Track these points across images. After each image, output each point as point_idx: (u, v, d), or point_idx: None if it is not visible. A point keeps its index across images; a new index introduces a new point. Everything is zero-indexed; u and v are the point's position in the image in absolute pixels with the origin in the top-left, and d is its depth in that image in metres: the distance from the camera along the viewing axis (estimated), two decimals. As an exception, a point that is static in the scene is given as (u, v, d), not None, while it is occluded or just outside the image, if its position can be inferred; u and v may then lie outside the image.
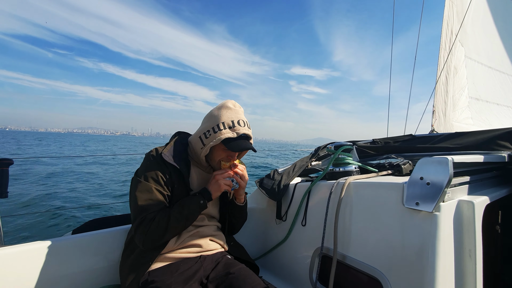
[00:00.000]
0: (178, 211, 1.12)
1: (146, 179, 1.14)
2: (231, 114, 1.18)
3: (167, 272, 1.11)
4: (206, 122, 1.20)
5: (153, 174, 1.15)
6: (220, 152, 1.20)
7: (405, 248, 0.95)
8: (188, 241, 1.22)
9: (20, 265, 1.12)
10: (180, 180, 1.20)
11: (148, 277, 1.10)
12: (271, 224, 1.70)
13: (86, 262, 1.27)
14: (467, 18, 3.23)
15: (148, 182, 1.14)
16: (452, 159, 0.88)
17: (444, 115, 3.23)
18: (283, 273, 1.57)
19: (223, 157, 1.22)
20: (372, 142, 2.06)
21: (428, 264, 0.87)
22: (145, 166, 1.18)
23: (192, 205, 1.14)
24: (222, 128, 1.14)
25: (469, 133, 1.57)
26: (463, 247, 0.94)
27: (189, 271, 1.14)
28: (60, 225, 5.03)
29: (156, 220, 1.08)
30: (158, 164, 1.17)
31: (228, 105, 1.20)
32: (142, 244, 1.10)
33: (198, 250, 1.23)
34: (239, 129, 1.16)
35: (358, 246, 1.12)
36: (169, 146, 1.24)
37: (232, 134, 1.15)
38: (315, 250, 1.34)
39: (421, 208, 0.90)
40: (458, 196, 0.98)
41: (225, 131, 1.14)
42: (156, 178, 1.15)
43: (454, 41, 3.19)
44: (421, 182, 0.91)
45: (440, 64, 3.19)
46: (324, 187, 1.34)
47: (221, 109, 1.19)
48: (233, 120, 1.16)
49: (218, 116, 1.17)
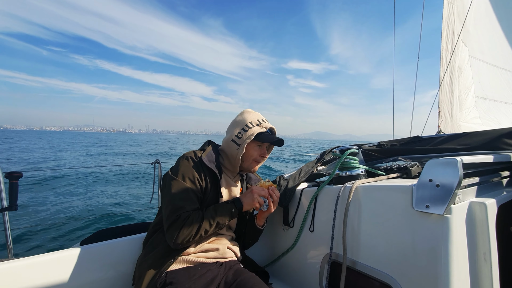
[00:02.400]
0: (211, 214, 1.14)
1: (184, 178, 1.19)
2: (254, 115, 1.33)
3: (186, 275, 1.12)
4: (234, 127, 1.31)
5: (190, 175, 1.20)
6: (253, 151, 1.30)
7: (417, 252, 0.93)
8: (207, 246, 1.24)
9: (29, 278, 1.13)
10: (213, 184, 1.25)
11: (166, 278, 1.10)
12: (279, 230, 1.68)
13: (95, 273, 1.27)
14: (469, 17, 3.21)
15: (185, 182, 1.18)
16: (461, 160, 0.86)
17: (450, 115, 3.19)
18: (293, 281, 1.55)
19: (256, 156, 1.31)
20: (378, 145, 2.04)
21: (442, 268, 0.85)
22: (183, 166, 1.22)
23: (225, 211, 1.17)
24: (251, 126, 1.28)
25: (476, 133, 1.54)
26: (477, 250, 0.92)
27: (208, 276, 1.15)
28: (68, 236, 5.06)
29: (190, 219, 1.11)
30: (196, 166, 1.23)
31: (248, 110, 1.36)
32: (173, 241, 1.10)
33: (215, 256, 1.25)
34: (266, 125, 1.32)
35: (368, 251, 1.10)
36: (207, 151, 1.31)
37: (262, 129, 1.28)
38: (324, 256, 1.32)
39: (432, 211, 0.88)
40: (469, 197, 0.96)
41: (255, 128, 1.27)
42: (193, 179, 1.20)
43: (457, 42, 3.17)
44: (431, 184, 0.90)
45: (443, 65, 3.17)
46: (331, 191, 1.33)
47: (243, 114, 1.34)
48: (257, 119, 1.31)
49: (243, 119, 1.31)
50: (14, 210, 1.37)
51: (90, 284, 1.25)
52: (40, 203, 7.77)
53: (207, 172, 1.24)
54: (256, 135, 1.26)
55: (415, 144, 1.81)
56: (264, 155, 1.33)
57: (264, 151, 1.33)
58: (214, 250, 1.25)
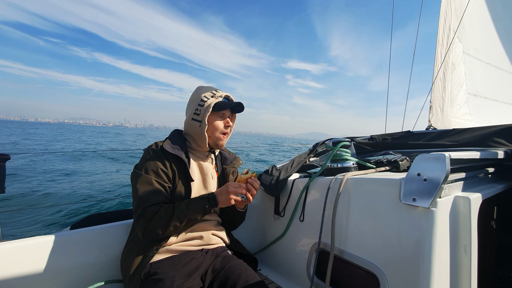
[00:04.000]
0: (182, 209, 1.13)
1: (147, 171, 1.17)
2: (206, 88, 1.31)
3: (170, 264, 1.12)
4: (190, 105, 1.30)
5: (153, 167, 1.18)
6: (216, 122, 1.29)
7: (402, 243, 0.96)
8: (190, 234, 1.23)
9: (19, 260, 1.13)
10: (181, 170, 1.23)
11: (150, 269, 1.10)
12: (270, 219, 1.71)
13: (85, 257, 1.27)
14: (465, 14, 3.21)
15: (148, 174, 1.17)
16: (449, 156, 0.88)
17: (441, 110, 3.23)
18: (281, 268, 1.59)
19: (220, 127, 1.30)
20: (370, 138, 2.06)
21: (424, 259, 0.88)
22: (144, 159, 1.21)
23: (197, 207, 1.15)
24: (207, 99, 1.25)
25: (466, 130, 1.57)
26: (458, 243, 0.95)
27: (192, 264, 1.15)
28: (58, 220, 5.03)
29: (158, 213, 1.10)
30: (158, 157, 1.20)
31: (199, 86, 1.34)
32: (142, 235, 1.12)
33: (200, 243, 1.25)
34: (221, 94, 1.29)
35: (355, 241, 1.14)
36: (169, 138, 1.30)
37: (218, 99, 1.26)
38: (313, 245, 1.36)
39: (418, 204, 0.91)
40: (454, 192, 0.99)
41: (210, 99, 1.25)
42: (156, 170, 1.18)
43: (453, 38, 3.18)
44: (419, 178, 0.92)
45: (437, 60, 3.19)
46: (322, 183, 1.35)
47: (196, 91, 1.32)
48: (211, 91, 1.29)
49: (197, 95, 1.28)
50: (1, 192, 1.35)
51: (80, 268, 1.26)
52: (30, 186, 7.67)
53: (172, 159, 1.22)
54: (214, 106, 1.25)
55: (406, 139, 1.85)
56: (228, 123, 1.32)
57: (227, 120, 1.32)
58: (198, 238, 1.24)
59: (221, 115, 1.30)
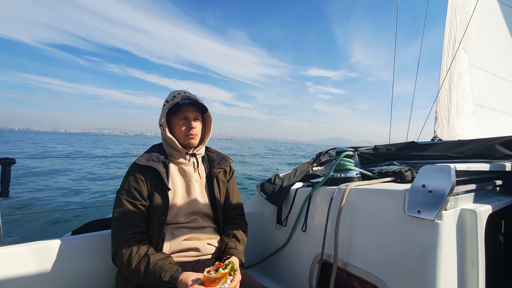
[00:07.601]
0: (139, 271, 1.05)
1: (121, 192, 1.18)
2: (171, 94, 1.32)
3: None
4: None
5: (126, 186, 1.19)
6: (178, 125, 1.29)
7: (406, 256, 0.94)
8: (185, 245, 1.21)
9: (19, 265, 1.12)
10: (158, 179, 1.22)
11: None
12: (271, 229, 1.69)
13: (85, 263, 1.26)
14: (471, 25, 3.22)
15: (122, 195, 1.17)
16: (454, 167, 0.87)
17: (447, 121, 3.20)
18: (283, 279, 1.56)
19: (184, 129, 1.29)
20: (374, 148, 2.04)
21: (430, 273, 0.86)
22: (125, 181, 1.22)
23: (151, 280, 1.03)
24: (166, 103, 1.28)
25: (471, 141, 1.55)
26: (465, 257, 0.93)
27: None
28: (60, 225, 5.03)
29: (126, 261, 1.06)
30: (133, 174, 1.21)
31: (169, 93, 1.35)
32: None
33: (195, 255, 1.22)
34: (178, 97, 1.28)
35: (359, 253, 1.11)
36: (145, 153, 1.31)
37: (174, 102, 1.26)
38: (315, 256, 1.33)
39: (423, 216, 0.89)
40: (460, 204, 0.97)
41: (167, 104, 1.27)
42: (128, 189, 1.18)
43: (458, 48, 3.17)
44: (423, 190, 0.90)
45: (443, 71, 3.18)
46: (325, 193, 1.33)
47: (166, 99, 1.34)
48: (173, 95, 1.29)
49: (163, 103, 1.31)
50: (5, 196, 1.35)
51: (81, 274, 1.25)
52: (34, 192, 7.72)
53: (147, 172, 1.21)
54: (169, 110, 1.27)
55: (410, 150, 1.82)
56: (190, 125, 1.29)
57: (189, 122, 1.30)
58: (193, 249, 1.22)
59: (182, 117, 1.29)
